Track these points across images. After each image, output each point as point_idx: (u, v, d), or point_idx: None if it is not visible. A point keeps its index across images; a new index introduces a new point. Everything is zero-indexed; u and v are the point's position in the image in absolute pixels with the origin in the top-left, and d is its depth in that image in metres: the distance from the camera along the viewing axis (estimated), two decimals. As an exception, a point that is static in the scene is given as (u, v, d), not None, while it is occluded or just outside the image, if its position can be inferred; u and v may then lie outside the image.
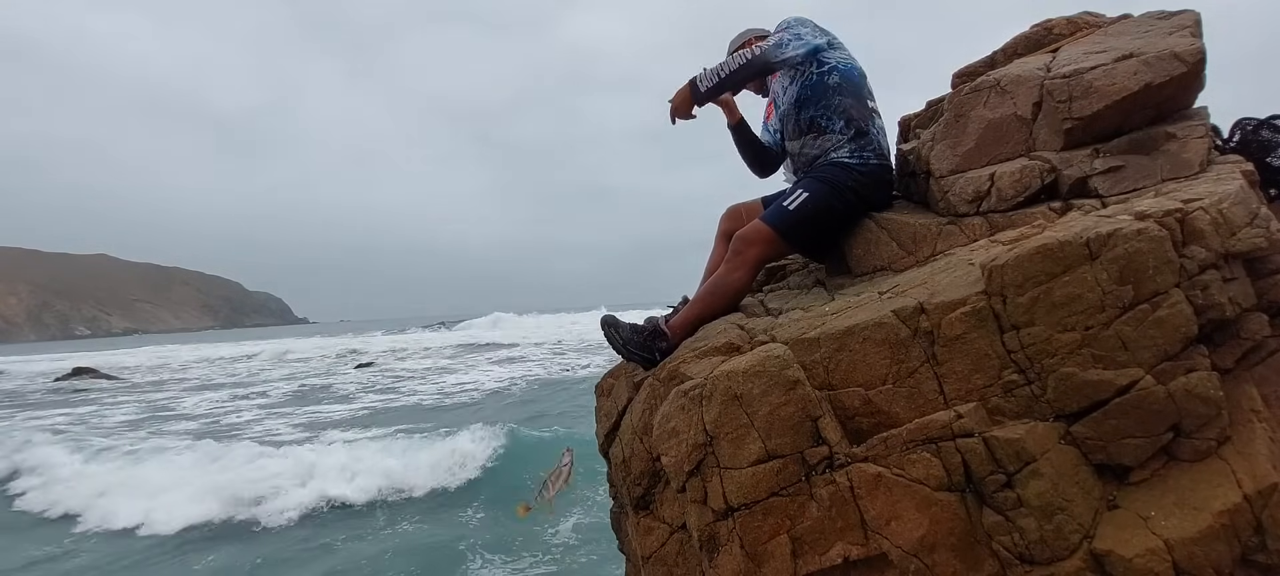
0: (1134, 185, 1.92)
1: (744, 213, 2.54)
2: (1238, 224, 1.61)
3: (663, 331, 2.24)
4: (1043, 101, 2.15)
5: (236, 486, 6.85)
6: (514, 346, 24.40)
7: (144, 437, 10.11)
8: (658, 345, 2.20)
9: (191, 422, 11.78)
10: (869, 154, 2.33)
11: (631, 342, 2.23)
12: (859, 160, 2.31)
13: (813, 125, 2.36)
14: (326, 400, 13.63)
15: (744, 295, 2.35)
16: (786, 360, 1.68)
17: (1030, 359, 1.56)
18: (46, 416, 13.37)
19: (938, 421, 1.57)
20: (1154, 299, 1.50)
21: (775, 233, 2.25)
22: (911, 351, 1.67)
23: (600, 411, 2.50)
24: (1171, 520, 1.41)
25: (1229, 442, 1.47)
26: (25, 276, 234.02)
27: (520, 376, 15.83)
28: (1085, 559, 1.43)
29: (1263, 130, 2.13)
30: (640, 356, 2.22)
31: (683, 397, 1.76)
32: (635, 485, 2.03)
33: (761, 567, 1.56)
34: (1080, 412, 1.52)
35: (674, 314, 2.53)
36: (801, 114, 2.38)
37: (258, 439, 9.46)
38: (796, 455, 1.60)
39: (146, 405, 14.75)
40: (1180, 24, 2.22)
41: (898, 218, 2.29)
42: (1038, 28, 2.67)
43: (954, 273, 1.83)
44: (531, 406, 11.29)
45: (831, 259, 2.47)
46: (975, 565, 1.49)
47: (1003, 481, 1.50)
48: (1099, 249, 1.52)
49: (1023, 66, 2.32)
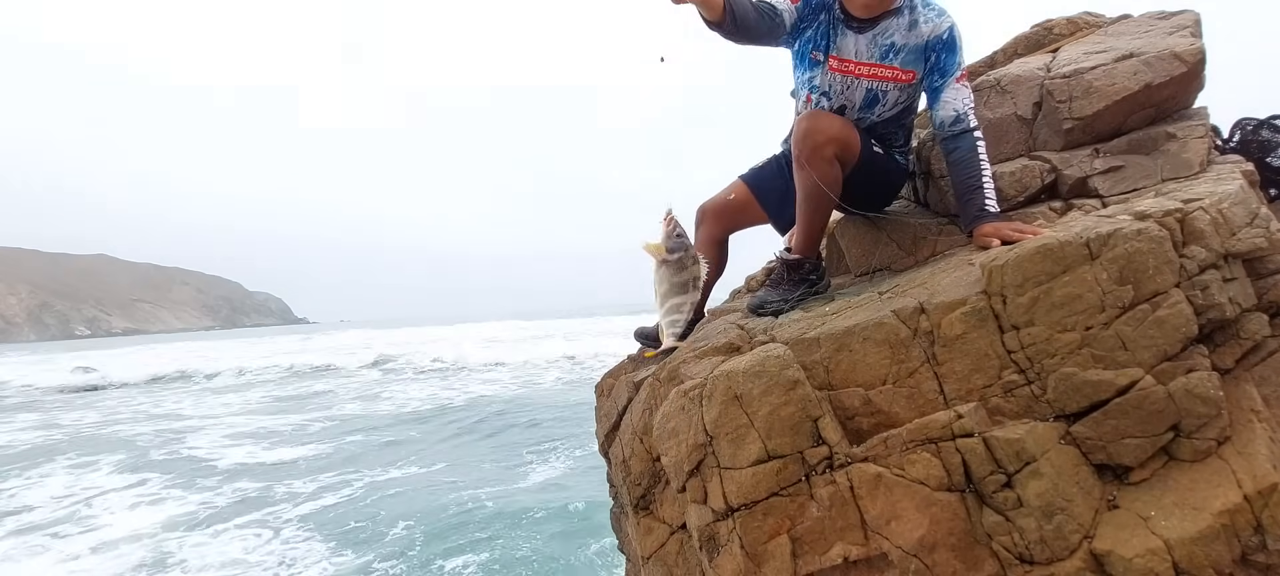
0: (1134, 185, 1.93)
1: (714, 208, 2.49)
2: (1238, 224, 1.61)
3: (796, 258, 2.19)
4: (1043, 101, 2.15)
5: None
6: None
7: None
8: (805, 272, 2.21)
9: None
10: (909, 160, 2.36)
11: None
12: (903, 161, 2.33)
13: (885, 138, 2.24)
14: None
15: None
16: (786, 360, 1.68)
17: (1030, 359, 1.56)
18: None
19: (938, 421, 1.57)
20: (1154, 299, 1.50)
21: (853, 132, 2.08)
22: (911, 351, 1.67)
23: (600, 411, 2.50)
24: (1171, 520, 1.41)
25: (1229, 442, 1.47)
26: (25, 276, 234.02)
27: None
28: (1085, 559, 1.43)
29: (1263, 130, 2.13)
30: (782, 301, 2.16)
31: (683, 397, 1.76)
32: (635, 485, 2.03)
33: (761, 567, 1.56)
34: (1080, 412, 1.52)
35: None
36: (883, 125, 2.23)
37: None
38: (796, 455, 1.60)
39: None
40: (1180, 24, 2.23)
41: (898, 218, 2.29)
42: (1038, 28, 2.67)
43: (954, 272, 1.83)
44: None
45: (865, 207, 2.30)
46: (975, 565, 1.49)
47: (1003, 481, 1.50)
48: (1099, 249, 1.52)
49: (1023, 66, 2.32)
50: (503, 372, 17.87)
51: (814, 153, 2.01)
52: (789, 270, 2.20)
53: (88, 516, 6.77)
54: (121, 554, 5.74)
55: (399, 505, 6.72)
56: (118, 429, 12.04)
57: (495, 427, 10.73)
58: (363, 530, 6.06)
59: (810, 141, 2.00)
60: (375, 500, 7.00)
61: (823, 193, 2.04)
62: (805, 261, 2.19)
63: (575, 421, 10.49)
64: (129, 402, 16.06)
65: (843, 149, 2.05)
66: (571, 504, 6.32)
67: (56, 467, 8.99)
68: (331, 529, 6.13)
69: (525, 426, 10.61)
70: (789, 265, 2.20)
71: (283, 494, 7.45)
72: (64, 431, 12.02)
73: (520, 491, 7.11)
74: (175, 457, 9.33)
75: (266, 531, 6.18)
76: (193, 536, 6.09)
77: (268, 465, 8.98)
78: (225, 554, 5.66)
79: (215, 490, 7.56)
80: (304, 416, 13.05)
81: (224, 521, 6.45)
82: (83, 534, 6.24)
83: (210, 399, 16.08)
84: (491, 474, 7.84)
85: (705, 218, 2.50)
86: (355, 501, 7.00)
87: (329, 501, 7.07)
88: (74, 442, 10.77)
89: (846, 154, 2.07)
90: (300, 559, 5.51)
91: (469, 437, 10.19)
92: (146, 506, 7.01)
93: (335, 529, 6.13)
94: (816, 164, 2.01)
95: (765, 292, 2.22)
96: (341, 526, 6.19)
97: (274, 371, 21.01)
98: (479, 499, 6.77)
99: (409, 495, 7.09)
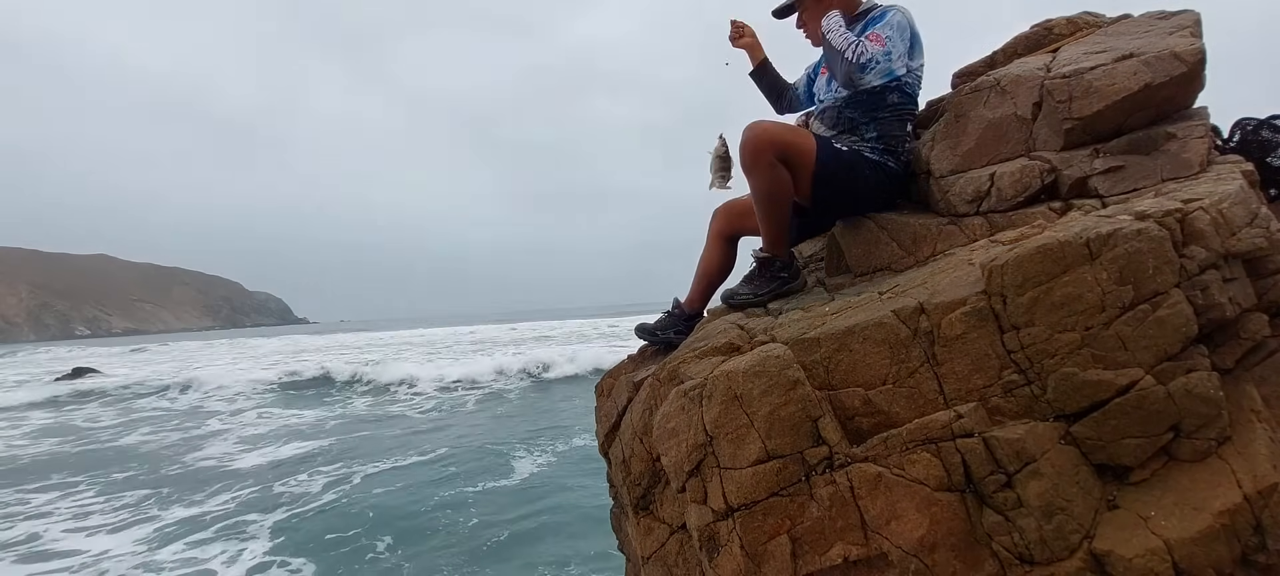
0: (1134, 185, 1.93)
1: (726, 207, 2.59)
2: (1238, 224, 1.61)
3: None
4: (1043, 101, 2.15)
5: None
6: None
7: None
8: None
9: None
10: (890, 160, 2.34)
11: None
12: (878, 158, 2.32)
13: (852, 126, 2.35)
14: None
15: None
16: (787, 360, 1.68)
17: (1030, 359, 1.56)
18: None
19: (938, 421, 1.57)
20: (1154, 299, 1.50)
21: (816, 149, 2.24)
22: (911, 351, 1.67)
23: (600, 412, 2.50)
24: (1171, 520, 1.41)
25: (1229, 442, 1.47)
26: (25, 276, 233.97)
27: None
28: (1085, 559, 1.43)
29: (1263, 130, 2.13)
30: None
31: (683, 398, 1.76)
32: (635, 485, 2.03)
33: (761, 567, 1.56)
34: (1080, 413, 1.52)
35: (675, 309, 2.56)
36: (844, 111, 2.37)
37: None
38: (796, 455, 1.60)
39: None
40: (1180, 24, 2.22)
41: (898, 218, 2.29)
42: (1038, 28, 2.67)
43: (954, 273, 1.83)
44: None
45: (820, 229, 2.58)
46: (975, 565, 1.49)
47: (1003, 481, 1.50)
48: (1099, 249, 1.52)
49: (1023, 66, 2.32)
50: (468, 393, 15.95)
51: (754, 159, 2.16)
52: (761, 267, 2.35)
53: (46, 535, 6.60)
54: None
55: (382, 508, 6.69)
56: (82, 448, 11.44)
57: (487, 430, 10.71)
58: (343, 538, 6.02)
59: (748, 149, 2.16)
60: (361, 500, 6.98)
61: (773, 195, 2.21)
62: (775, 260, 2.33)
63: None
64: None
65: (784, 151, 2.18)
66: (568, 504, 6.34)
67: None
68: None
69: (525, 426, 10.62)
70: (760, 263, 2.35)
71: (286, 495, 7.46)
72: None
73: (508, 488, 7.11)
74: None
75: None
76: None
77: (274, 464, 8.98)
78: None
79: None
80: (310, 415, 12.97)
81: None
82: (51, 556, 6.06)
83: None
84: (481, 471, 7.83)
85: (717, 215, 2.61)
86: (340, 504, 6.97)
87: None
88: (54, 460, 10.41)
89: (794, 155, 2.20)
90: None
91: (468, 438, 10.20)
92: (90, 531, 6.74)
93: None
94: (760, 169, 2.16)
95: (739, 285, 2.39)
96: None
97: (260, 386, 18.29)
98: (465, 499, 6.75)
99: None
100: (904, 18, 2.29)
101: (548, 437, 9.68)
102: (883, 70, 2.24)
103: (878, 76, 2.24)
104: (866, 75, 2.22)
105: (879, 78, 2.25)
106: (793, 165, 2.20)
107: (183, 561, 5.81)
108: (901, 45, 2.26)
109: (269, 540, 6.19)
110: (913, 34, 2.31)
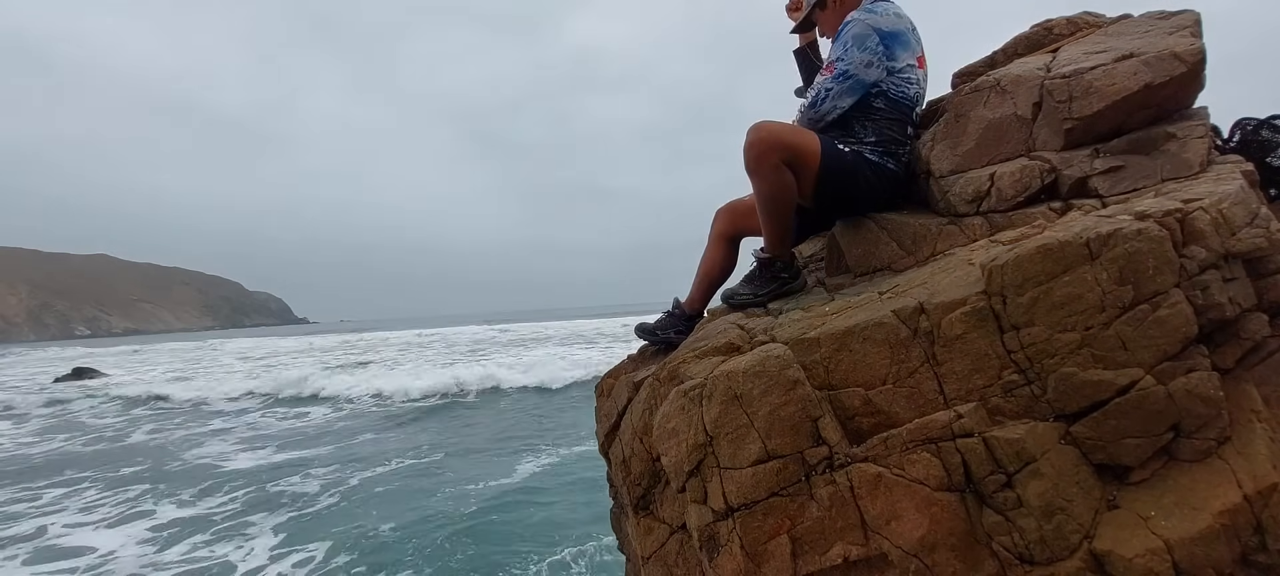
0: (1134, 185, 1.93)
1: (729, 206, 2.59)
2: (1238, 224, 1.61)
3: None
4: (1043, 101, 2.15)
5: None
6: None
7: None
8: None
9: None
10: (890, 161, 2.34)
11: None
12: (878, 159, 2.32)
13: (846, 126, 2.35)
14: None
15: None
16: (786, 360, 1.68)
17: (1030, 359, 1.56)
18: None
19: (938, 421, 1.57)
20: (1154, 299, 1.50)
21: (821, 150, 2.22)
22: (911, 351, 1.67)
23: (600, 412, 2.50)
24: (1171, 520, 1.41)
25: (1229, 442, 1.47)
26: (25, 276, 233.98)
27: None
28: (1085, 559, 1.43)
29: (1263, 130, 2.13)
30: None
31: (683, 397, 1.76)
32: (635, 485, 2.03)
33: (761, 567, 1.56)
34: (1080, 413, 1.52)
35: (675, 309, 2.56)
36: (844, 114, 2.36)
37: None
38: (796, 455, 1.60)
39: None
40: (1180, 24, 2.22)
41: (898, 218, 2.29)
42: (1038, 28, 2.67)
43: (954, 273, 1.83)
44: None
45: (820, 228, 2.62)
46: (975, 565, 1.49)
47: (1003, 481, 1.50)
48: (1099, 249, 1.52)
49: (1023, 66, 2.32)
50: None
51: (759, 161, 2.12)
52: (761, 267, 2.35)
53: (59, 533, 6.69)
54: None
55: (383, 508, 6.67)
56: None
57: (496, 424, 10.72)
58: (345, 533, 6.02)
59: (753, 152, 2.12)
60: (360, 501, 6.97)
61: (776, 198, 2.18)
62: (775, 260, 2.33)
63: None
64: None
65: (790, 153, 2.15)
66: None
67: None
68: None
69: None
70: (761, 263, 2.35)
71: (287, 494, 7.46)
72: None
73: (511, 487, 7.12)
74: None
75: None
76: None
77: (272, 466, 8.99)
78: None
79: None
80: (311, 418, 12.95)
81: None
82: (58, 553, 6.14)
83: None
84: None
85: (719, 216, 2.61)
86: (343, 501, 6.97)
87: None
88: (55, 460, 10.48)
89: (799, 157, 2.17)
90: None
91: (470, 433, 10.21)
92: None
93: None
94: (765, 171, 2.13)
95: (739, 285, 2.40)
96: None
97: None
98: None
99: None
100: (863, 26, 2.26)
101: (548, 438, 9.71)
102: (845, 88, 2.27)
103: (844, 98, 2.28)
104: (822, 110, 2.31)
105: (847, 98, 2.28)
106: (797, 167, 2.18)
107: (186, 561, 5.85)
108: (861, 55, 2.25)
109: (273, 536, 6.23)
110: (887, 34, 2.27)
